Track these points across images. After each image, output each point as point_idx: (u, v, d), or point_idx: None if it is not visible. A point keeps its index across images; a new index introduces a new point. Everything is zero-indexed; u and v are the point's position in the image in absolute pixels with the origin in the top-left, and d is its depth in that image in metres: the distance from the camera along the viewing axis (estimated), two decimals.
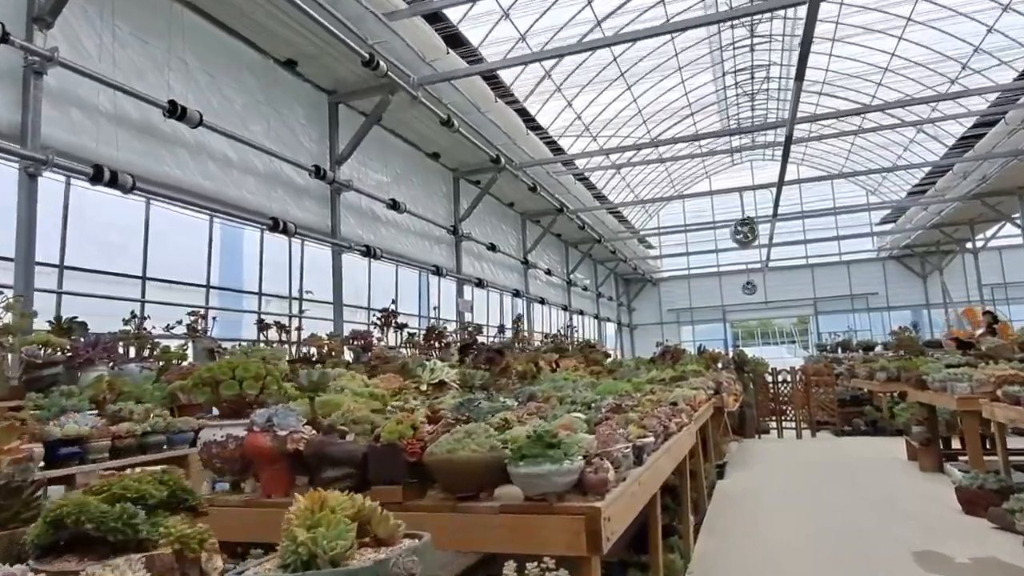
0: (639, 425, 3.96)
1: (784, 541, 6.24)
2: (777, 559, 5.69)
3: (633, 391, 6.80)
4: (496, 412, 4.60)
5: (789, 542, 6.20)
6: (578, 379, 7.75)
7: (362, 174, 10.15)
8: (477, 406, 4.03)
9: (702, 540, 6.48)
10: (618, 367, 11.89)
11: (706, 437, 9.45)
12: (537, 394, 6.10)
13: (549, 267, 18.66)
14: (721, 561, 5.74)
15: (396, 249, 10.96)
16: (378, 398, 4.24)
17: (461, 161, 12.93)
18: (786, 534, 6.49)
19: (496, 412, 4.60)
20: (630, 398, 6.00)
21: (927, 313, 26.73)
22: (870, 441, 13.23)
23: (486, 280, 14.05)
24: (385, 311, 9.12)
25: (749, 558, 5.79)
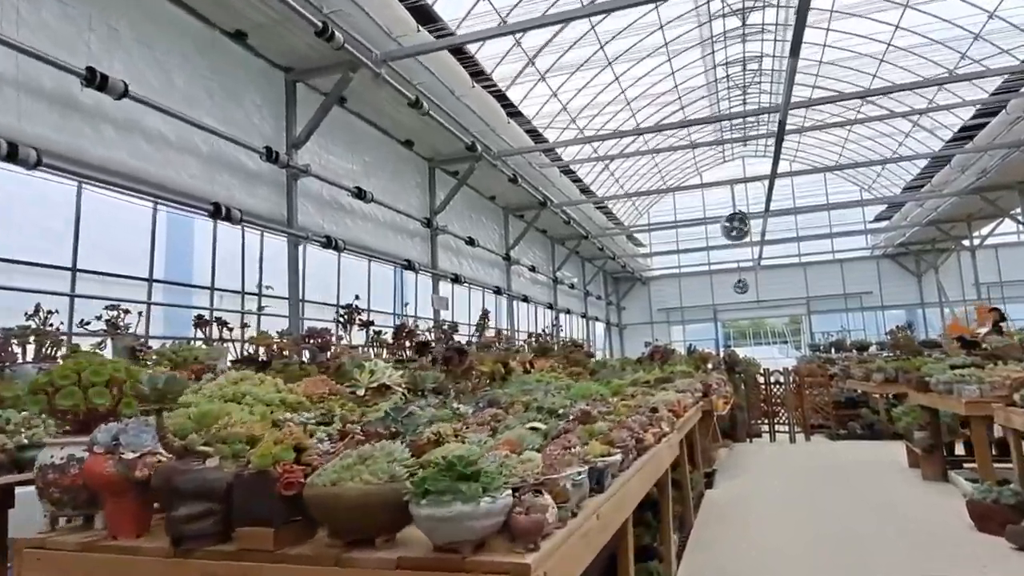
0: (605, 440, 3.27)
1: (777, 560, 5.56)
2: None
3: (610, 395, 6.12)
4: (440, 422, 3.90)
5: (782, 562, 5.53)
6: (552, 381, 7.07)
7: (325, 160, 9.42)
8: (408, 416, 3.32)
9: (687, 559, 5.81)
10: (601, 368, 11.23)
11: (693, 444, 8.77)
12: (501, 399, 5.41)
13: (533, 264, 17.97)
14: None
15: (364, 242, 10.24)
16: (294, 408, 3.53)
17: (436, 150, 12.22)
18: (779, 552, 5.81)
19: (440, 422, 3.90)
20: (605, 403, 5.32)
21: (922, 313, 26.19)
22: (867, 446, 12.60)
23: (464, 276, 13.34)
24: (348, 307, 8.39)
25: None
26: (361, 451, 2.17)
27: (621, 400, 5.76)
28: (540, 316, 19.71)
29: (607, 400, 5.58)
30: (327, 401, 3.86)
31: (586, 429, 3.58)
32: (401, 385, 4.68)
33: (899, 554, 5.56)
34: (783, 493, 8.39)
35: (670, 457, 4.84)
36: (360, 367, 4.49)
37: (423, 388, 5.13)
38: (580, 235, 19.47)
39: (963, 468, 9.04)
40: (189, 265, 9.03)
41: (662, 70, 18.66)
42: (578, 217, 18.72)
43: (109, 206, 7.65)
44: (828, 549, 5.87)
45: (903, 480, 8.95)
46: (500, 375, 7.01)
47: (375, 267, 11.80)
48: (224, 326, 6.83)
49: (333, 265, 10.91)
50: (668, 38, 17.36)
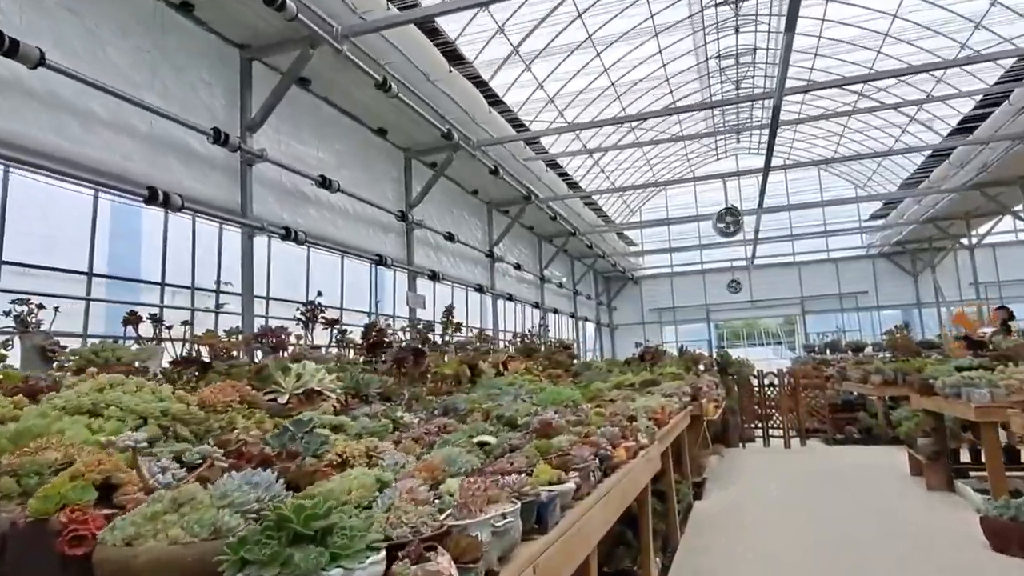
0: (559, 461, 2.63)
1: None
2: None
3: (584, 400, 5.49)
4: (371, 436, 3.28)
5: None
6: (524, 385, 6.44)
7: (287, 147, 8.76)
8: (309, 431, 2.68)
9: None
10: (585, 369, 10.64)
11: (680, 452, 8.16)
12: (460, 406, 4.78)
13: (519, 262, 17.33)
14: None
15: (331, 235, 9.58)
16: (185, 422, 2.89)
17: (413, 139, 11.56)
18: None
19: (371, 436, 3.28)
20: (576, 411, 4.70)
21: (918, 313, 25.66)
22: (865, 451, 12.00)
23: (444, 273, 12.68)
24: (310, 304, 7.73)
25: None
26: (181, 492, 1.52)
27: (596, 407, 5.13)
28: (527, 316, 19.08)
29: (579, 407, 4.95)
30: (231, 412, 3.22)
31: (538, 446, 2.95)
32: (336, 391, 4.04)
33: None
34: (778, 506, 7.77)
35: (649, 473, 4.22)
36: (285, 370, 3.85)
37: (366, 394, 4.49)
38: (568, 232, 18.84)
39: (969, 477, 8.45)
40: (137, 259, 8.36)
41: (653, 62, 18.06)
42: (566, 214, 18.10)
43: (45, 192, 7.01)
44: (829, 573, 5.25)
45: (907, 490, 8.35)
46: (467, 378, 6.38)
47: (351, 264, 11.16)
48: (159, 324, 6.17)
49: (304, 261, 10.26)
50: (659, 29, 16.77)
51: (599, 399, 6.11)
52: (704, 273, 28.34)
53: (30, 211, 7.02)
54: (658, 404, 5.83)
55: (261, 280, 9.51)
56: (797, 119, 16.99)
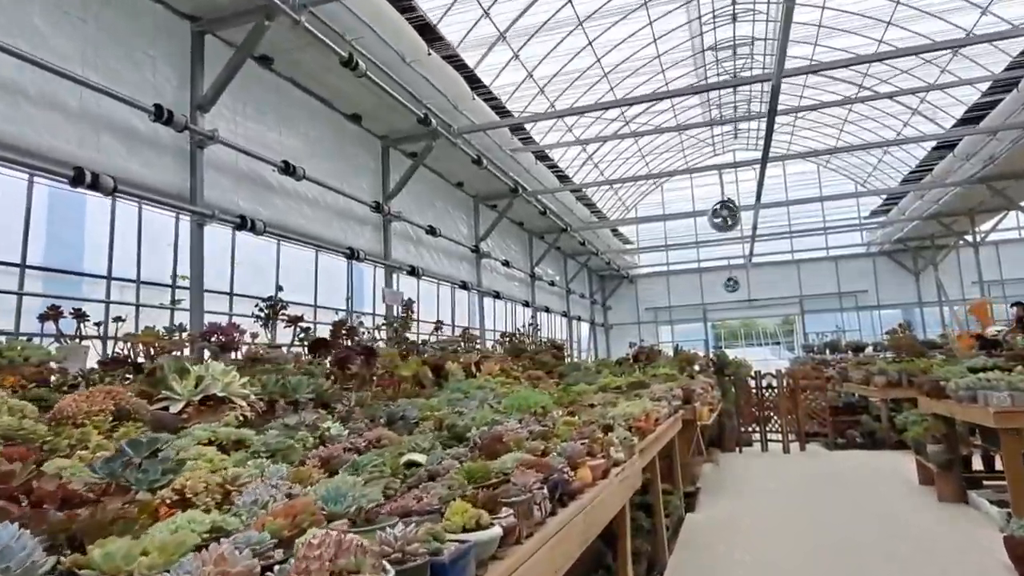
0: (485, 495, 1.99)
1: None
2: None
3: (562, 405, 4.86)
4: (277, 454, 2.70)
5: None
6: (496, 388, 5.81)
7: (247, 129, 8.11)
8: (152, 455, 2.04)
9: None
10: (572, 371, 10.01)
11: (671, 460, 7.53)
12: (411, 414, 4.14)
13: (508, 258, 16.67)
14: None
15: (298, 226, 8.93)
16: (10, 439, 2.25)
17: (390, 126, 10.92)
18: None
19: (277, 454, 2.70)
20: (543, 419, 4.07)
21: (920, 312, 25.04)
22: (869, 457, 11.37)
23: (424, 269, 12.03)
24: (270, 300, 7.08)
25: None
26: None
27: (569, 414, 4.49)
28: (516, 315, 18.44)
29: (549, 414, 4.32)
30: (89, 425, 2.57)
31: (471, 469, 2.31)
32: (250, 396, 3.39)
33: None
34: (777, 519, 7.13)
35: (625, 495, 3.57)
36: (183, 371, 3.20)
37: (296, 399, 3.85)
38: (559, 228, 18.20)
39: (983, 487, 7.82)
40: (80, 250, 7.71)
41: (647, 53, 17.44)
42: (557, 209, 17.45)
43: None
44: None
45: (917, 502, 7.70)
46: (431, 381, 5.74)
47: (328, 260, 10.54)
48: (83, 319, 5.50)
49: (277, 256, 9.63)
50: (654, 18, 16.15)
51: (578, 404, 5.47)
52: (701, 272, 27.71)
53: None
54: (643, 410, 5.20)
55: (224, 275, 8.89)
56: (797, 107, 16.28)
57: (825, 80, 18.89)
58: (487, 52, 13.27)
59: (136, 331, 5.45)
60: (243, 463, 2.55)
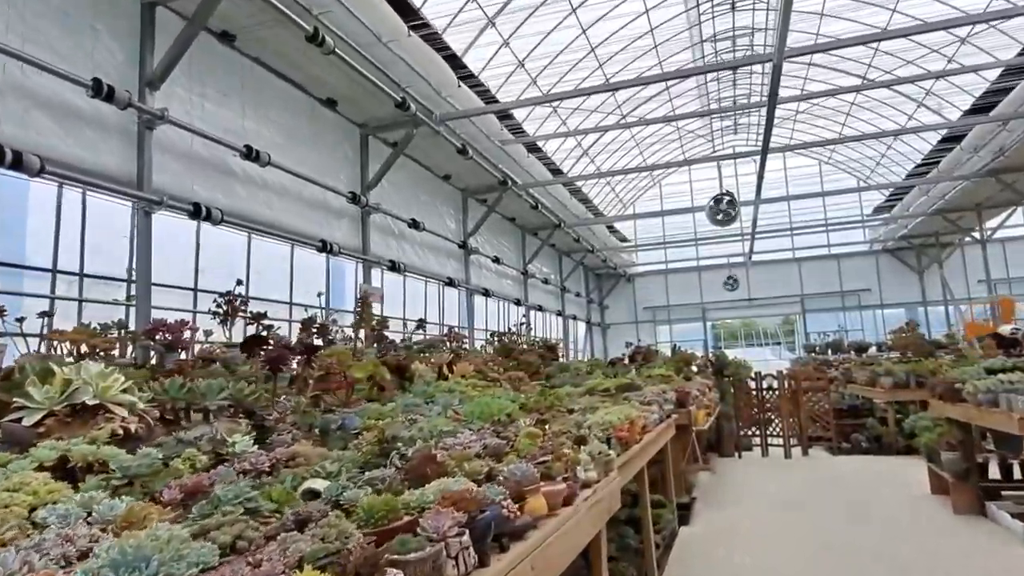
0: (361, 553, 1.39)
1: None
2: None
3: (526, 413, 4.26)
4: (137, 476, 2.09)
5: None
6: (467, 391, 5.22)
7: (206, 112, 7.51)
8: None
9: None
10: (561, 372, 9.43)
11: (664, 467, 6.93)
12: (352, 424, 3.57)
13: (498, 255, 16.06)
14: None
15: (263, 216, 8.33)
16: None
17: (369, 113, 10.32)
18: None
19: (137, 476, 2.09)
20: (507, 430, 3.48)
21: (924, 311, 24.41)
22: (875, 462, 10.76)
23: (408, 264, 11.42)
24: (227, 295, 6.49)
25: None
26: None
27: (539, 422, 3.89)
28: (509, 313, 17.84)
29: (512, 422, 3.73)
30: None
31: (369, 506, 1.71)
32: (135, 404, 2.79)
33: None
34: (778, 533, 6.52)
35: (597, 522, 2.97)
36: (46, 374, 2.61)
37: (206, 407, 3.25)
38: (553, 224, 17.59)
39: (1002, 498, 7.22)
40: (22, 241, 7.12)
41: (643, 44, 16.83)
42: (551, 204, 16.86)
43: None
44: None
45: (931, 514, 7.09)
46: (392, 384, 5.14)
47: (308, 256, 9.97)
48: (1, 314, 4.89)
49: (250, 248, 9.04)
50: (650, 5, 15.55)
51: (554, 410, 4.88)
52: (700, 270, 27.09)
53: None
54: (627, 417, 4.60)
55: (187, 268, 8.31)
56: (799, 95, 15.58)
57: (827, 72, 18.28)
58: (476, 37, 12.67)
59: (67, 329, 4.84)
60: (94, 490, 1.96)
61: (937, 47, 15.80)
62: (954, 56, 15.64)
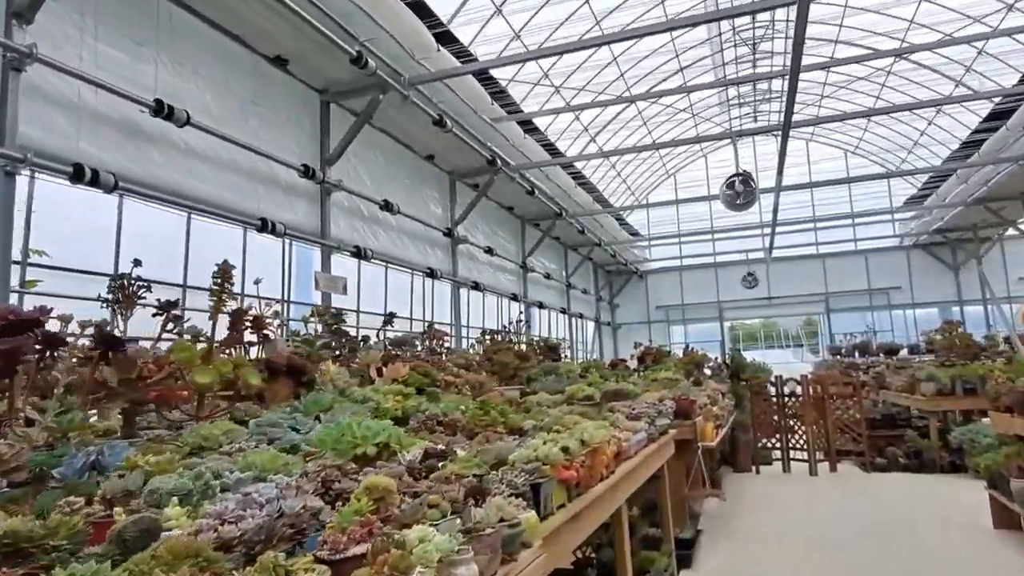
0: None
1: None
2: None
3: (428, 438, 2.87)
4: None
5: None
6: (388, 402, 3.87)
7: (101, 56, 6.21)
8: None
9: None
10: (548, 374, 8.07)
11: (660, 494, 5.51)
12: (115, 459, 2.18)
13: (492, 245, 14.67)
14: None
15: (181, 187, 7.00)
16: None
17: (327, 75, 8.98)
18: None
19: None
20: (360, 474, 2.06)
21: (960, 311, 22.60)
22: (917, 482, 9.23)
23: (374, 251, 10.06)
24: (119, 279, 5.17)
25: None
26: None
27: (438, 455, 2.51)
28: (510, 310, 16.44)
29: (391, 455, 2.36)
30: None
31: None
32: None
33: None
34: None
35: None
36: None
37: None
38: (554, 213, 16.18)
39: None
40: None
41: (654, 14, 15.35)
42: (552, 192, 15.43)
43: None
44: None
45: (996, 557, 5.59)
46: (278, 390, 3.80)
47: (269, 243, 8.73)
48: None
49: (189, 229, 7.77)
50: None
51: (492, 429, 3.49)
52: (717, 267, 25.50)
53: None
54: (593, 439, 3.20)
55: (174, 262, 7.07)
56: (827, 61, 13.65)
57: (860, 37, 16.57)
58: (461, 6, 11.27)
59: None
60: None
61: (981, 16, 14.18)
62: (1001, 23, 13.99)
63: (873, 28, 15.55)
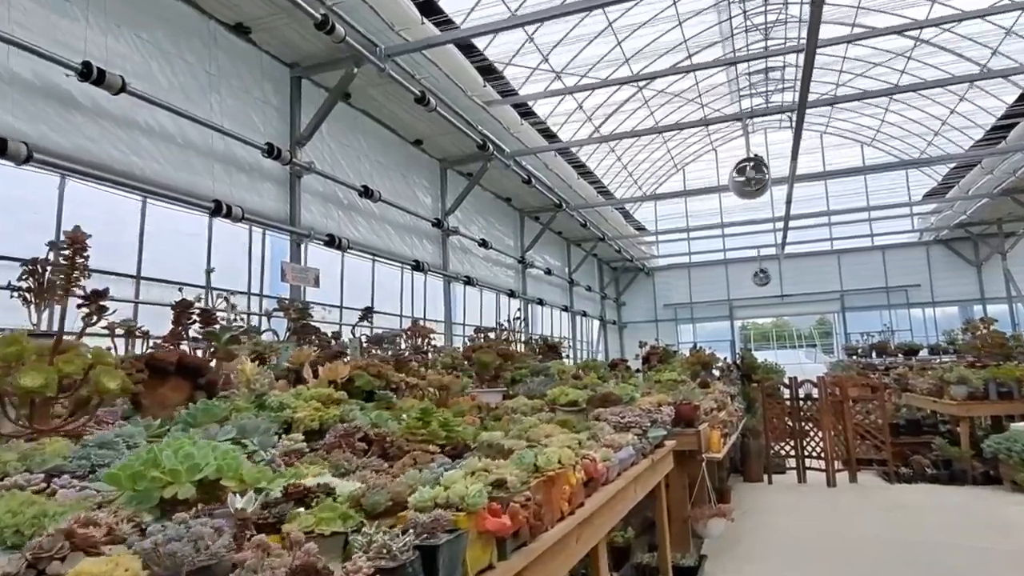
0: None
1: None
2: None
3: (269, 475, 2.01)
4: None
5: None
6: (296, 411, 3.08)
7: (28, 16, 5.47)
8: None
9: None
10: (536, 375, 7.28)
11: (657, 515, 4.68)
12: None
13: (488, 238, 13.86)
14: None
15: (123, 163, 6.26)
16: None
17: (295, 46, 8.20)
18: None
19: None
20: None
21: (982, 309, 21.55)
22: (949, 496, 8.32)
23: (350, 240, 9.28)
24: (31, 265, 4.39)
25: None
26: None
27: (306, 498, 1.70)
28: (508, 306, 15.62)
29: (219, 497, 1.53)
30: None
31: None
32: None
33: None
34: None
35: None
36: None
37: None
38: (554, 205, 15.35)
39: None
40: None
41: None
42: (554, 184, 14.62)
43: None
44: None
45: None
46: (165, 394, 3.02)
47: (242, 233, 8.01)
48: None
49: (144, 214, 7.02)
50: None
51: (420, 449, 2.69)
52: (727, 263, 24.59)
53: None
54: (549, 463, 2.38)
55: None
56: (847, 36, 12.50)
57: None
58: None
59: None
60: None
61: None
62: None
63: (893, 8, 14.59)
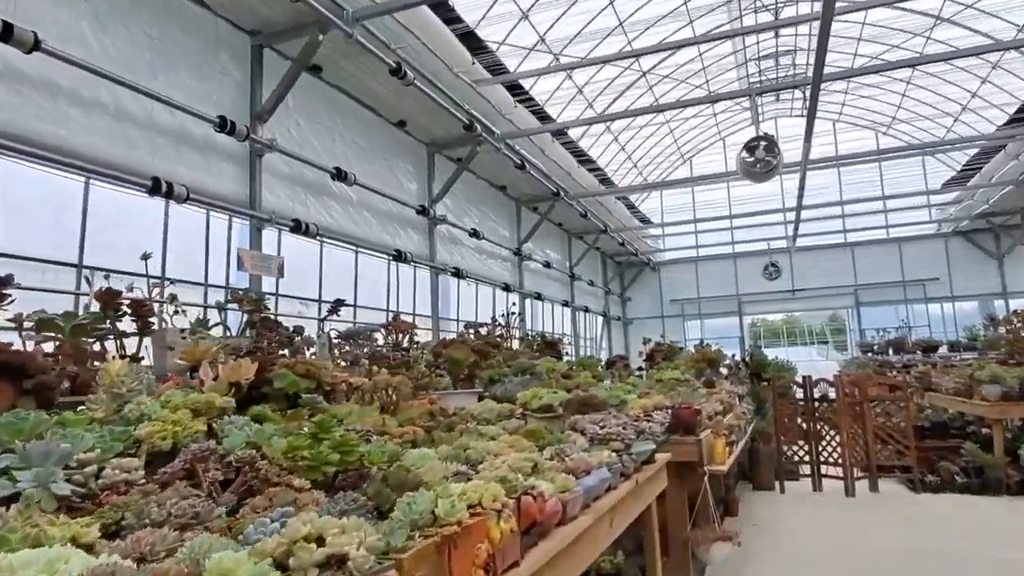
0: None
1: None
2: None
3: None
4: None
5: None
6: (166, 423, 2.27)
7: None
8: None
9: None
10: (514, 374, 6.53)
11: (647, 539, 3.88)
12: None
13: (480, 228, 13.06)
14: None
15: (46, 137, 5.50)
16: None
17: (259, 14, 7.45)
18: None
19: None
20: None
21: (1005, 304, 20.59)
22: (983, 508, 7.45)
23: (319, 226, 8.49)
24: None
25: None
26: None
27: None
28: (506, 302, 14.82)
29: None
30: None
31: None
32: None
33: None
34: None
35: None
36: None
37: None
38: (552, 194, 14.54)
39: None
40: None
41: None
42: (552, 171, 13.81)
43: None
44: None
45: None
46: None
47: (215, 223, 7.28)
48: None
49: (87, 197, 6.28)
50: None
51: (285, 483, 1.90)
52: (736, 257, 23.70)
53: None
54: (462, 507, 1.60)
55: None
56: (863, 1, 11.49)
57: None
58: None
59: None
60: None
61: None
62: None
63: None
